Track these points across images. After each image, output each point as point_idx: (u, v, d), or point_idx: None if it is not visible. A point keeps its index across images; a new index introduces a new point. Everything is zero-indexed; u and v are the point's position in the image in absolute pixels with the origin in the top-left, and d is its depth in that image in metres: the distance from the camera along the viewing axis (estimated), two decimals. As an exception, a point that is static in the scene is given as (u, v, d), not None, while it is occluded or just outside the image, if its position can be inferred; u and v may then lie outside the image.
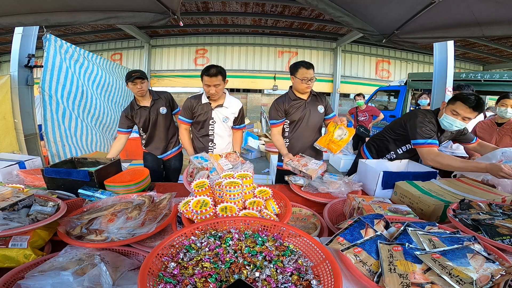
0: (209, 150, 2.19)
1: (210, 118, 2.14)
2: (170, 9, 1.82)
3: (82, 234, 0.99)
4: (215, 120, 2.15)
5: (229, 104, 2.15)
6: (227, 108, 2.14)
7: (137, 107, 2.29)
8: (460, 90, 2.86)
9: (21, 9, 1.73)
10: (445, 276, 0.66)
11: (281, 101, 2.09)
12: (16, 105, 3.07)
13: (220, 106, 2.11)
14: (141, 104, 2.30)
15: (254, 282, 0.65)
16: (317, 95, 2.16)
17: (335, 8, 1.69)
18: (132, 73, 2.23)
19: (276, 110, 2.09)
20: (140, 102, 2.30)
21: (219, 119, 2.14)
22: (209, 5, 6.18)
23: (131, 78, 2.19)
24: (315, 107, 2.13)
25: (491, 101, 8.40)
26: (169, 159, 2.52)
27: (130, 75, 2.23)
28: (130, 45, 8.89)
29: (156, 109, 2.32)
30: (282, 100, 2.10)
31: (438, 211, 1.25)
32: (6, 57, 9.05)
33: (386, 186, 1.61)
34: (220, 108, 2.12)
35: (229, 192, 1.03)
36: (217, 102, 2.11)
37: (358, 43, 8.79)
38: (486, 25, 1.54)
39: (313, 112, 2.12)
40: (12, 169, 1.65)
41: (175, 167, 2.58)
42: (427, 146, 1.70)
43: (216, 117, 2.14)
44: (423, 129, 1.74)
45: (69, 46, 3.47)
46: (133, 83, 2.19)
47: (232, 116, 2.18)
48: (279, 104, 2.08)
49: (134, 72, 2.23)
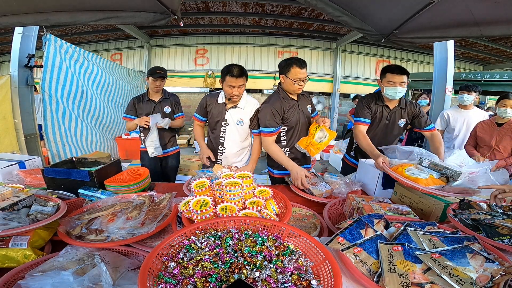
0: (218, 153, 2.06)
1: (223, 120, 1.97)
2: (170, 9, 1.82)
3: (82, 234, 0.99)
4: (228, 122, 1.97)
5: (245, 104, 1.96)
6: (242, 109, 1.95)
7: (146, 99, 2.46)
8: (468, 90, 2.89)
9: (21, 9, 1.73)
10: (445, 276, 0.66)
11: (278, 104, 1.81)
12: (16, 105, 3.07)
13: (234, 107, 1.95)
14: (151, 97, 2.47)
15: (254, 282, 0.65)
16: (304, 93, 1.97)
17: (334, 7, 1.68)
18: (157, 70, 2.37)
19: (273, 115, 1.79)
20: (151, 96, 2.48)
21: (233, 121, 1.97)
22: (209, 5, 6.18)
23: (155, 75, 2.34)
24: (306, 108, 1.95)
25: (491, 101, 8.39)
26: (166, 157, 2.57)
27: (154, 71, 2.36)
28: (130, 45, 8.88)
29: (162, 106, 2.47)
30: (278, 103, 1.81)
31: (438, 211, 1.25)
32: (6, 57, 9.03)
33: (386, 186, 1.61)
34: (235, 109, 1.96)
35: (229, 192, 1.03)
36: (233, 103, 1.95)
37: (358, 43, 8.79)
38: (485, 25, 1.54)
39: (305, 114, 1.94)
40: (12, 169, 1.65)
41: (172, 165, 2.62)
42: (357, 123, 1.95)
43: (229, 119, 1.97)
44: (357, 109, 2.00)
45: (69, 46, 3.48)
46: (155, 79, 2.35)
47: (248, 118, 1.98)
48: (276, 108, 1.80)
49: (159, 70, 2.38)
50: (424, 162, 1.46)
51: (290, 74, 1.75)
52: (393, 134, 2.05)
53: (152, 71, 2.38)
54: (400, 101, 1.96)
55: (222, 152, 2.05)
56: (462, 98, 2.92)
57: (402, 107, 1.97)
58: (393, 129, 2.02)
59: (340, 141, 5.63)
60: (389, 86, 1.86)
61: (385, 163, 1.51)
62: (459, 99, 2.98)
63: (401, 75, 1.82)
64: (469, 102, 2.91)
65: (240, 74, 1.81)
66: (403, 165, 1.46)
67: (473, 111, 2.98)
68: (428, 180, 1.31)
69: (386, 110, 1.97)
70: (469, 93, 2.88)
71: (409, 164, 1.46)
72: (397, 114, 1.98)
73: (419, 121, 1.98)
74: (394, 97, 1.88)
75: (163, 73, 2.38)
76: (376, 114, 1.98)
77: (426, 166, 1.45)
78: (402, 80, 1.82)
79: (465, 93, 2.90)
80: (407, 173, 1.36)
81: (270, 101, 1.85)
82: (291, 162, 1.75)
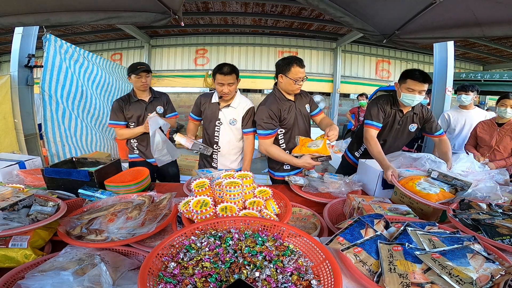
0: (213, 152, 2.05)
1: (216, 119, 1.98)
2: (171, 9, 1.81)
3: (82, 234, 0.99)
4: (221, 122, 1.98)
5: (237, 104, 1.96)
6: (234, 108, 1.95)
7: (134, 99, 2.16)
8: (465, 91, 2.88)
9: (21, 9, 1.73)
10: (445, 276, 0.66)
11: (275, 106, 1.79)
12: (16, 105, 3.07)
13: (227, 107, 1.96)
14: (139, 97, 2.18)
15: (254, 282, 0.65)
16: (301, 92, 1.93)
17: (335, 8, 1.68)
18: (138, 65, 2.09)
19: (270, 117, 1.77)
20: (139, 96, 2.18)
21: (226, 121, 1.97)
22: (209, 5, 6.18)
23: (137, 71, 2.06)
24: (303, 107, 1.92)
25: (491, 101, 8.39)
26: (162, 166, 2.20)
27: (135, 67, 2.08)
28: (130, 45, 8.89)
29: (154, 106, 2.21)
30: (275, 104, 1.79)
31: (438, 211, 1.25)
32: (6, 57, 9.04)
33: (386, 186, 1.61)
34: (227, 108, 1.96)
35: (229, 192, 1.03)
36: (226, 102, 1.96)
37: (358, 43, 8.79)
38: (487, 25, 1.54)
39: (303, 113, 1.92)
40: (12, 169, 1.65)
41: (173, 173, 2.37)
42: (369, 126, 1.86)
43: (223, 118, 1.97)
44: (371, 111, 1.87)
45: (69, 46, 3.48)
46: (138, 76, 2.07)
47: (241, 118, 1.98)
48: (273, 109, 1.77)
49: (140, 65, 2.09)
50: (433, 174, 1.45)
51: (290, 73, 1.72)
52: (403, 138, 2.01)
53: (132, 68, 2.09)
54: (414, 106, 1.86)
55: (217, 151, 2.04)
56: (460, 99, 2.93)
57: (416, 112, 1.90)
58: (404, 134, 1.98)
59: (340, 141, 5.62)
60: (407, 93, 1.74)
61: (394, 175, 1.48)
62: (457, 99, 2.99)
63: (423, 84, 1.69)
64: (467, 102, 2.91)
65: (229, 72, 1.80)
66: (413, 178, 1.44)
67: (474, 111, 2.98)
68: (439, 195, 1.30)
69: (399, 115, 1.90)
70: (467, 93, 2.89)
71: (418, 177, 1.44)
72: (409, 119, 1.92)
73: (429, 126, 1.93)
74: (411, 105, 1.80)
75: (146, 67, 2.10)
76: (389, 119, 1.91)
77: (435, 177, 1.44)
78: (422, 88, 1.70)
79: (463, 94, 2.91)
80: (417, 188, 1.35)
81: (267, 103, 1.81)
82: (294, 159, 1.75)
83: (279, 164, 1.97)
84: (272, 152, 1.83)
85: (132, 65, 2.10)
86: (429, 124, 1.93)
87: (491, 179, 1.45)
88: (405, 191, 1.35)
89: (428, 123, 1.93)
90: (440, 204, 1.24)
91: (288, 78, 1.73)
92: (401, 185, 1.41)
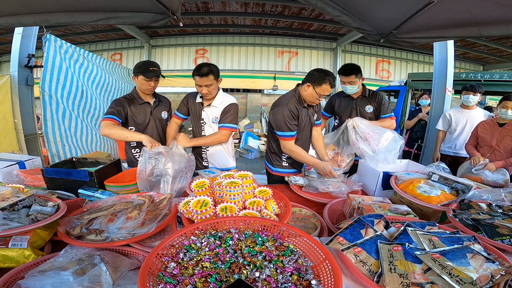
0: (202, 152, 2.05)
1: (200, 118, 1.99)
2: (170, 10, 1.82)
3: (82, 234, 0.99)
4: (205, 121, 1.99)
5: (219, 103, 1.94)
6: (216, 107, 1.94)
7: (139, 102, 1.95)
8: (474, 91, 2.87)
9: (21, 9, 1.73)
10: (445, 276, 0.66)
11: (294, 107, 1.78)
12: (16, 105, 3.07)
13: (209, 106, 1.94)
14: (144, 99, 1.98)
15: (254, 282, 0.65)
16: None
17: (333, 7, 1.68)
18: (150, 66, 1.85)
19: (293, 118, 1.79)
20: (144, 98, 1.98)
21: (209, 119, 1.98)
22: (209, 5, 6.18)
23: (148, 74, 1.82)
24: (312, 116, 1.96)
25: (491, 101, 8.39)
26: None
27: (147, 68, 1.83)
28: (130, 45, 8.90)
29: (159, 111, 2.06)
30: (294, 106, 1.79)
31: (438, 212, 1.25)
32: (6, 57, 9.04)
33: (386, 186, 1.61)
34: (209, 107, 1.95)
35: (229, 192, 1.03)
36: (208, 101, 1.95)
37: (358, 43, 8.80)
38: (484, 25, 1.54)
39: (311, 121, 1.97)
40: (12, 169, 1.65)
41: None
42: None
43: (206, 117, 1.98)
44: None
45: (69, 46, 3.47)
46: (148, 80, 1.85)
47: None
48: (293, 111, 1.77)
49: (152, 66, 1.86)
50: (434, 176, 1.46)
51: (320, 88, 1.72)
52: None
53: (142, 68, 1.84)
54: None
55: (205, 150, 2.04)
56: (468, 99, 2.90)
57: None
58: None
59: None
60: (342, 85, 2.20)
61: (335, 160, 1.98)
62: (463, 99, 2.95)
63: (348, 76, 2.10)
64: (474, 102, 2.89)
65: (206, 73, 1.77)
66: (413, 181, 1.45)
67: (476, 110, 2.97)
68: (440, 197, 1.30)
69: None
70: (474, 94, 2.86)
71: (419, 180, 1.45)
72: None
73: (382, 110, 2.22)
74: (349, 93, 2.23)
75: (158, 71, 1.88)
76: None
77: (436, 180, 1.44)
78: (349, 80, 2.11)
79: (470, 94, 2.87)
80: (418, 191, 1.35)
81: (288, 104, 1.77)
82: (316, 160, 1.81)
83: (278, 159, 2.00)
84: (297, 154, 1.82)
85: (142, 64, 1.88)
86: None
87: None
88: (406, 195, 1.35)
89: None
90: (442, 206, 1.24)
91: (315, 91, 1.73)
92: (401, 188, 1.42)
